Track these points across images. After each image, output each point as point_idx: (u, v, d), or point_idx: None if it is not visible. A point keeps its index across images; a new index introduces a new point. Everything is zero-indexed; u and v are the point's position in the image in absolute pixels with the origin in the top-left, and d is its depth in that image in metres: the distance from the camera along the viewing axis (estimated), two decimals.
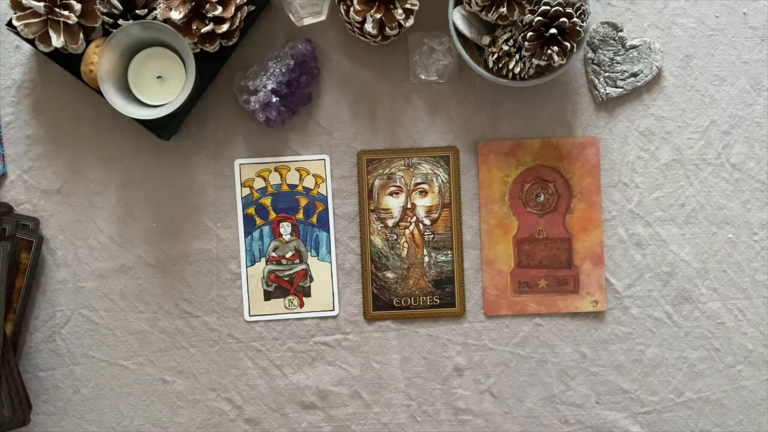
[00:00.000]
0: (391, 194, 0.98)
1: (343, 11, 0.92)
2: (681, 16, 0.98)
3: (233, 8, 0.89)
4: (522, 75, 0.91)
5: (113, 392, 0.98)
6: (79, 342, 0.98)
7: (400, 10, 0.90)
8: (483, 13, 0.89)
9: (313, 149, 0.98)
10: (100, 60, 0.87)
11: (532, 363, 0.98)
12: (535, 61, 0.89)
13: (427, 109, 0.98)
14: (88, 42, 0.91)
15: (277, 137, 0.98)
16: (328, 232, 0.98)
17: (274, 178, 0.98)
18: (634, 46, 0.97)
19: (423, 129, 0.98)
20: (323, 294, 0.98)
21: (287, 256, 0.98)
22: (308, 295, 0.98)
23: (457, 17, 0.91)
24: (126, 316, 0.98)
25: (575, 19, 0.87)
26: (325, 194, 0.98)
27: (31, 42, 0.91)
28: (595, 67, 0.98)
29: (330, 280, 0.98)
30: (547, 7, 0.87)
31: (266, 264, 0.98)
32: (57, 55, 0.92)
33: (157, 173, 0.98)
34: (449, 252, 0.98)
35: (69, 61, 0.92)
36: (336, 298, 0.98)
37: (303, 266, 0.98)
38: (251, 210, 0.98)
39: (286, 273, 0.98)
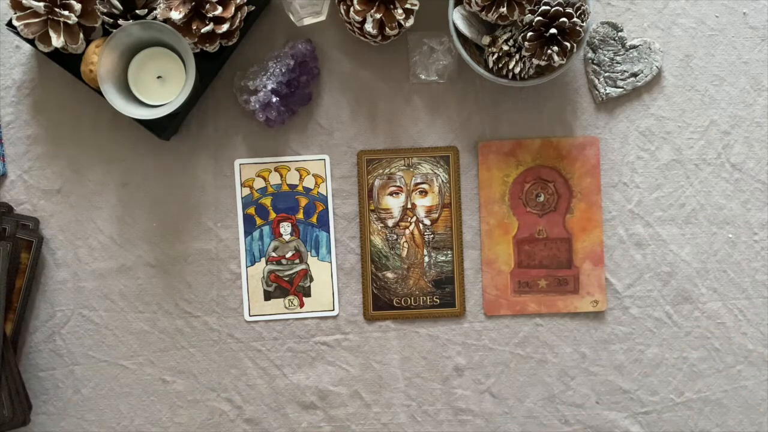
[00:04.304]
0: (391, 194, 0.98)
1: (343, 11, 0.92)
2: (681, 16, 0.98)
3: (233, 8, 0.89)
4: (522, 75, 0.91)
5: (113, 392, 0.98)
6: (79, 342, 0.98)
7: (400, 10, 0.90)
8: (483, 13, 0.89)
9: (313, 149, 0.98)
10: (100, 60, 0.87)
11: (532, 363, 0.98)
12: (535, 61, 0.89)
13: (427, 109, 0.98)
14: (88, 42, 0.91)
15: (277, 137, 0.98)
16: (328, 232, 0.98)
17: (274, 178, 0.98)
18: (634, 46, 0.97)
19: (423, 129, 0.98)
20: (323, 294, 0.98)
21: (287, 256, 0.98)
22: (308, 295, 0.98)
23: (457, 17, 0.91)
24: (126, 316, 0.98)
25: (575, 19, 0.87)
26: (325, 194, 0.98)
27: (31, 42, 0.91)
28: (595, 67, 0.98)
29: (330, 280, 0.98)
30: (547, 7, 0.87)
31: (266, 264, 0.98)
32: (57, 55, 0.92)
33: (157, 173, 0.98)
34: (449, 252, 0.98)
35: (69, 61, 0.92)
36: (336, 298, 0.98)
37: (303, 266, 0.98)
38: (251, 210, 0.98)
39: (286, 273, 0.98)
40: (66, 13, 0.87)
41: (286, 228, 0.98)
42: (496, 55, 0.91)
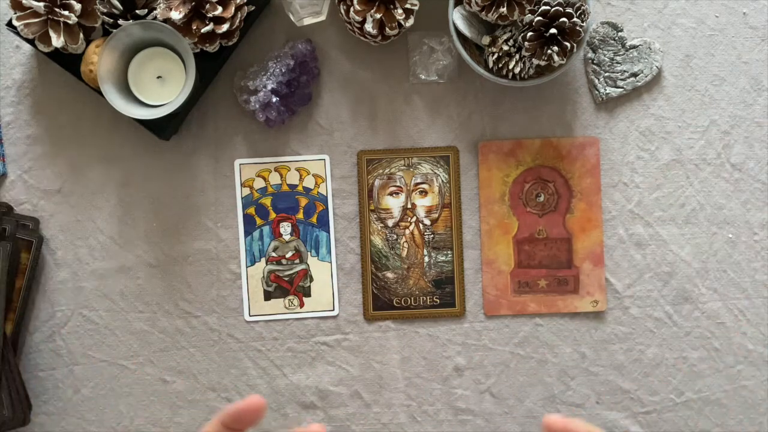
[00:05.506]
0: (391, 194, 0.98)
1: (343, 11, 0.92)
2: (681, 16, 0.98)
3: (233, 8, 0.89)
4: (522, 75, 0.91)
5: (113, 392, 0.98)
6: (79, 342, 0.98)
7: (400, 10, 0.90)
8: (483, 13, 0.89)
9: (313, 149, 0.98)
10: (100, 60, 0.87)
11: (532, 363, 0.98)
12: (535, 61, 0.89)
13: (427, 109, 0.98)
14: (88, 42, 0.91)
15: (277, 137, 0.98)
16: (328, 232, 0.98)
17: (274, 178, 0.98)
18: (634, 46, 0.97)
19: (423, 129, 0.98)
20: (323, 294, 0.98)
21: (287, 256, 0.98)
22: (308, 295, 0.98)
23: (457, 17, 0.91)
24: (126, 316, 0.98)
25: (575, 19, 0.87)
26: (325, 194, 0.98)
27: (31, 42, 0.91)
28: (595, 67, 0.98)
29: (330, 280, 0.98)
30: (547, 7, 0.87)
31: (266, 264, 0.98)
32: (57, 55, 0.92)
33: (157, 173, 0.98)
34: (449, 252, 0.98)
35: (69, 61, 0.92)
36: (336, 298, 0.98)
37: (303, 266, 0.98)
38: (251, 210, 0.98)
39: (286, 273, 0.98)
40: (66, 13, 0.87)
41: (286, 228, 0.98)
42: (496, 55, 0.91)
